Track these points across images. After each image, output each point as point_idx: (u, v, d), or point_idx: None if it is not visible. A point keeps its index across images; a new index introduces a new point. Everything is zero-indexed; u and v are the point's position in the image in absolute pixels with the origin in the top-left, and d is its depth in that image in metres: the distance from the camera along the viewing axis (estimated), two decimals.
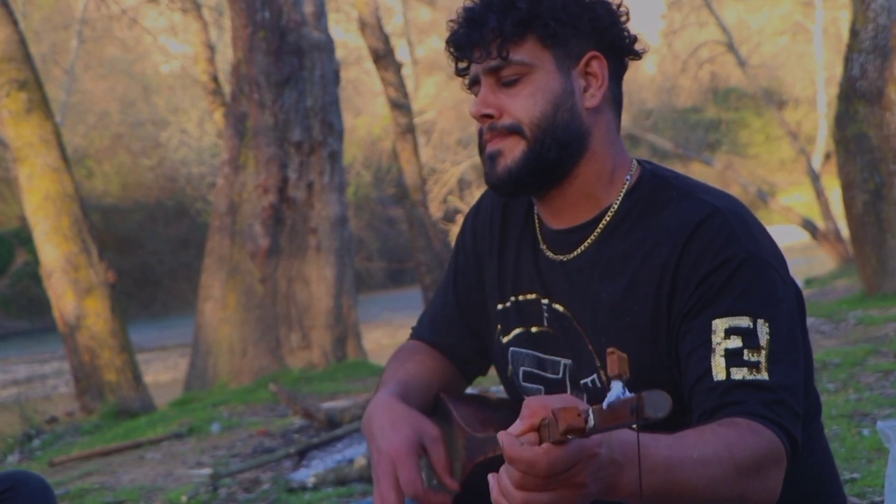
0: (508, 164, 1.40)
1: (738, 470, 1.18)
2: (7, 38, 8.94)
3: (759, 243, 1.35)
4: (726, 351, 1.27)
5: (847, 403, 4.23)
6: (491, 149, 1.42)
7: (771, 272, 1.32)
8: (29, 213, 9.13)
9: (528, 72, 1.39)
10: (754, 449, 1.20)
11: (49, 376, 15.58)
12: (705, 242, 1.33)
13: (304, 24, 8.98)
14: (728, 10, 24.46)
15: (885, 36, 8.02)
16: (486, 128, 1.42)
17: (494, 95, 1.41)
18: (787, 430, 1.24)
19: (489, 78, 1.41)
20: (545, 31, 1.38)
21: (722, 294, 1.30)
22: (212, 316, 9.07)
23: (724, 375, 1.26)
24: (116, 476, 5.20)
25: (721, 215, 1.35)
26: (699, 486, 1.15)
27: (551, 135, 1.39)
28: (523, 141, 1.39)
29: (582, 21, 1.39)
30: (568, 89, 1.40)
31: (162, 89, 27.58)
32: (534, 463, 1.02)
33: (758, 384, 1.25)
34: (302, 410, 5.60)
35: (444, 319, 1.62)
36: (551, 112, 1.39)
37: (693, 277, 1.32)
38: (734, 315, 1.28)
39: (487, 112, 1.41)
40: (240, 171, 9.04)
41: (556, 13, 1.38)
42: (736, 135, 31.98)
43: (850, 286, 11.01)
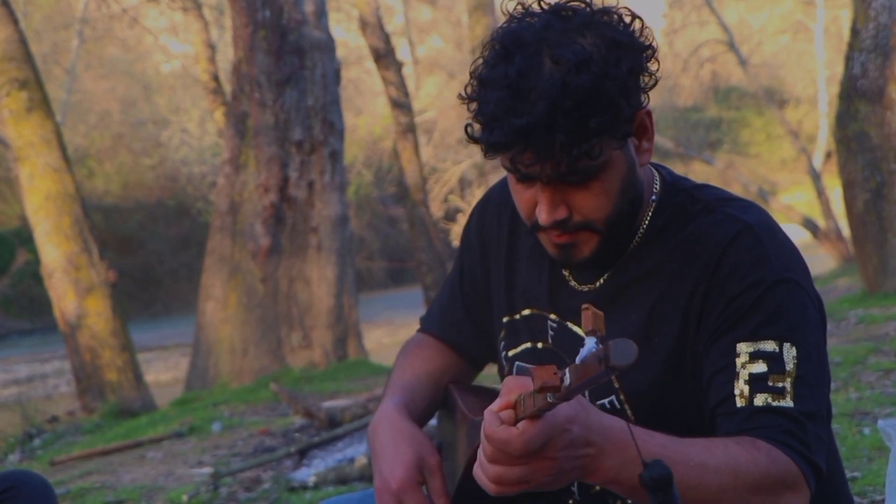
0: (586, 255, 1.34)
1: (750, 488, 1.16)
2: (8, 37, 8.94)
3: (789, 263, 1.31)
4: (750, 376, 1.24)
5: (848, 402, 4.23)
6: (562, 242, 1.33)
7: (800, 294, 1.29)
8: (30, 213, 9.14)
9: (596, 170, 1.27)
10: (766, 471, 1.17)
11: (50, 376, 15.58)
12: (736, 261, 1.29)
13: (304, 23, 8.98)
14: (729, 9, 24.45)
15: (885, 35, 8.01)
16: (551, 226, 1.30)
17: (560, 195, 1.28)
18: (808, 459, 1.22)
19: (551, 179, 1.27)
20: (617, 135, 1.25)
21: (749, 317, 1.26)
22: (213, 315, 9.07)
23: (746, 402, 1.23)
24: (117, 475, 5.21)
25: (752, 233, 1.31)
26: (709, 491, 1.14)
27: (624, 219, 1.33)
28: (596, 235, 1.32)
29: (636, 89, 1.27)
30: (630, 164, 1.31)
31: (163, 89, 27.59)
32: (508, 442, 1.04)
33: (781, 411, 1.22)
34: (303, 410, 5.60)
35: (451, 317, 1.60)
36: (621, 200, 1.31)
37: (721, 298, 1.28)
38: (760, 339, 1.25)
39: (561, 218, 1.29)
40: (241, 170, 9.04)
41: (628, 113, 1.24)
42: (737, 134, 31.97)
43: (851, 285, 11.01)
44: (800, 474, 1.21)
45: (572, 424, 1.07)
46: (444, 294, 1.62)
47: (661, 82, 1.33)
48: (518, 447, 1.04)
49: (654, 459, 0.97)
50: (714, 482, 1.15)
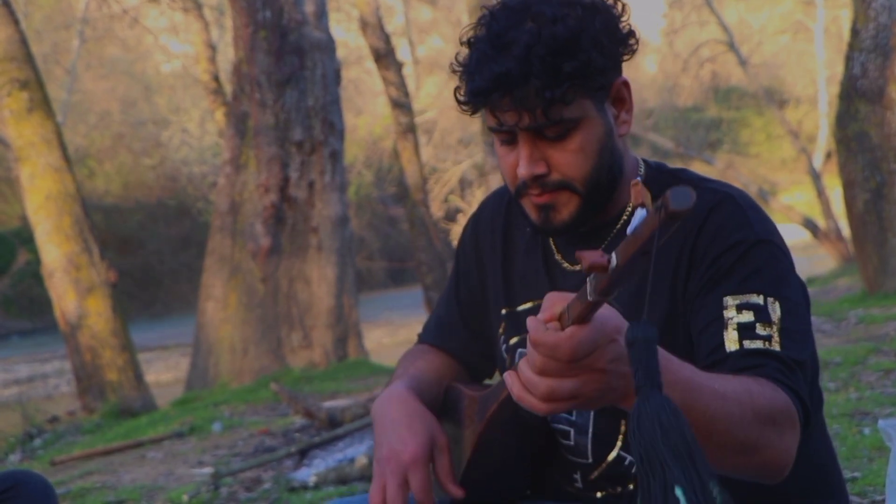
0: (566, 218, 1.38)
1: (756, 415, 1.16)
2: (8, 37, 8.94)
3: (770, 229, 1.36)
4: (739, 325, 1.27)
5: (848, 402, 4.23)
6: (541, 201, 1.38)
7: (781, 256, 1.34)
8: (30, 213, 9.14)
9: (574, 126, 1.33)
10: (773, 402, 1.19)
11: (50, 376, 15.59)
12: (718, 225, 1.33)
13: (305, 23, 8.98)
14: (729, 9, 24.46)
15: (885, 35, 8.01)
16: (531, 182, 1.36)
17: (539, 150, 1.34)
18: (801, 399, 1.24)
19: (528, 132, 1.34)
20: (591, 87, 1.32)
21: (734, 272, 1.30)
22: (213, 315, 9.08)
23: (737, 346, 1.26)
24: (118, 475, 5.21)
25: (733, 201, 1.36)
26: (716, 417, 1.12)
27: (602, 182, 1.37)
28: (576, 196, 1.36)
29: (616, 59, 1.35)
30: (608, 128, 1.36)
31: (163, 89, 27.60)
32: (558, 345, 1.01)
33: (771, 354, 1.25)
34: (303, 410, 5.60)
35: (449, 326, 1.63)
36: (599, 162, 1.35)
37: (706, 258, 1.32)
38: (746, 292, 1.28)
39: (539, 172, 1.35)
40: (241, 170, 9.05)
41: (601, 65, 1.31)
42: (737, 134, 31.99)
43: (851, 285, 11.01)
44: (795, 411, 1.22)
45: (620, 335, 1.03)
46: (441, 307, 1.67)
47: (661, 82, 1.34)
48: (567, 350, 1.01)
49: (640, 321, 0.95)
50: (735, 411, 1.14)
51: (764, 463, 1.18)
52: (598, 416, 1.42)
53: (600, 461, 1.42)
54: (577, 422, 1.43)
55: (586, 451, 1.43)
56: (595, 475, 1.43)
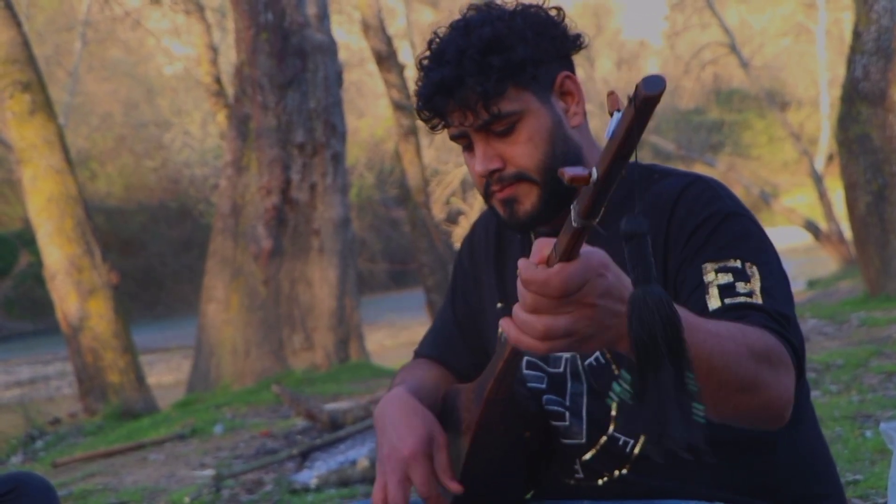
0: (528, 209, 1.44)
1: (751, 352, 1.16)
2: (11, 39, 8.95)
3: (740, 204, 1.40)
4: (719, 286, 1.30)
5: (850, 405, 4.23)
6: (503, 196, 1.45)
7: (755, 227, 1.37)
8: (32, 215, 9.14)
9: (517, 118, 1.41)
10: (764, 341, 1.20)
11: (52, 377, 15.59)
12: (689, 203, 1.38)
13: (306, 25, 8.99)
14: (730, 12, 24.46)
15: (887, 37, 8.02)
16: (492, 180, 1.44)
17: (492, 147, 1.43)
18: (791, 344, 1.24)
19: (479, 132, 1.43)
20: (523, 78, 1.40)
21: (710, 242, 1.34)
22: (215, 317, 9.08)
23: (719, 303, 1.29)
24: (119, 477, 5.21)
25: (702, 181, 1.42)
26: (713, 352, 1.12)
27: (555, 169, 1.40)
28: (534, 186, 1.43)
29: (550, 53, 1.43)
30: (556, 119, 1.43)
31: (165, 91, 27.62)
32: (548, 281, 1.02)
33: (754, 306, 1.27)
34: (305, 412, 5.60)
35: (444, 338, 1.68)
36: (551, 150, 1.42)
37: (682, 234, 1.37)
38: (724, 258, 1.32)
39: (494, 167, 1.43)
40: (243, 172, 9.05)
41: (528, 56, 1.40)
42: (739, 136, 31.98)
43: (853, 287, 11.01)
44: (789, 357, 1.23)
45: (607, 270, 1.05)
46: (437, 321, 1.72)
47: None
48: (557, 284, 1.01)
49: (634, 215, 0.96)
50: (731, 347, 1.14)
51: (764, 403, 1.18)
52: (590, 400, 1.44)
53: (594, 441, 1.44)
54: (570, 405, 1.46)
55: (581, 431, 1.45)
56: (591, 456, 1.45)
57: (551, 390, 1.49)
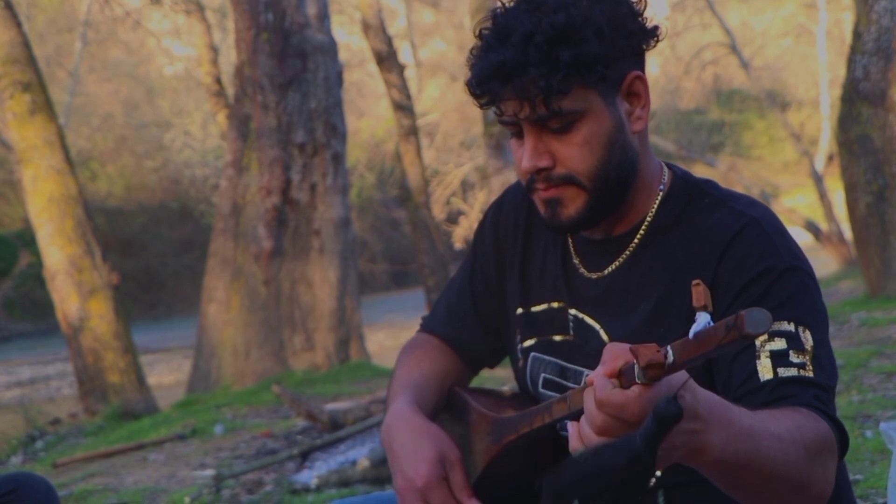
0: (573, 214, 1.36)
1: (808, 452, 1.15)
2: (11, 40, 8.95)
3: (797, 255, 1.33)
4: (772, 352, 1.24)
5: (850, 405, 4.23)
6: (548, 196, 1.36)
7: (809, 283, 1.31)
8: (33, 216, 9.14)
9: (577, 118, 1.31)
10: (818, 435, 1.18)
11: (52, 378, 15.58)
12: (744, 252, 1.30)
13: (307, 26, 8.99)
14: (731, 12, 24.46)
15: (888, 38, 8.01)
16: (538, 177, 1.35)
17: (544, 143, 1.33)
18: (839, 425, 1.23)
19: (534, 125, 1.32)
20: (592, 78, 1.29)
21: (763, 301, 1.27)
22: (215, 318, 9.08)
23: (771, 374, 1.23)
24: (120, 477, 5.21)
25: (759, 226, 1.32)
26: (777, 460, 1.10)
27: (610, 178, 1.34)
28: (583, 192, 1.34)
29: (624, 51, 1.32)
30: (618, 122, 1.33)
31: (166, 91, 27.63)
32: (625, 406, 0.99)
33: (807, 381, 1.23)
34: (305, 412, 5.60)
35: (458, 315, 1.60)
36: (607, 157, 1.33)
37: (733, 286, 1.29)
38: (777, 320, 1.25)
39: (543, 165, 1.33)
40: (243, 172, 9.05)
41: (602, 53, 1.28)
42: (739, 136, 31.97)
43: (853, 288, 11.00)
44: (835, 442, 1.21)
45: (685, 391, 1.01)
46: (452, 293, 1.62)
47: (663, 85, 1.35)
48: (636, 411, 0.98)
49: (670, 398, 0.94)
50: (792, 451, 1.13)
51: (812, 497, 1.18)
52: None
53: None
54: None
55: None
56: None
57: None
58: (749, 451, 1.08)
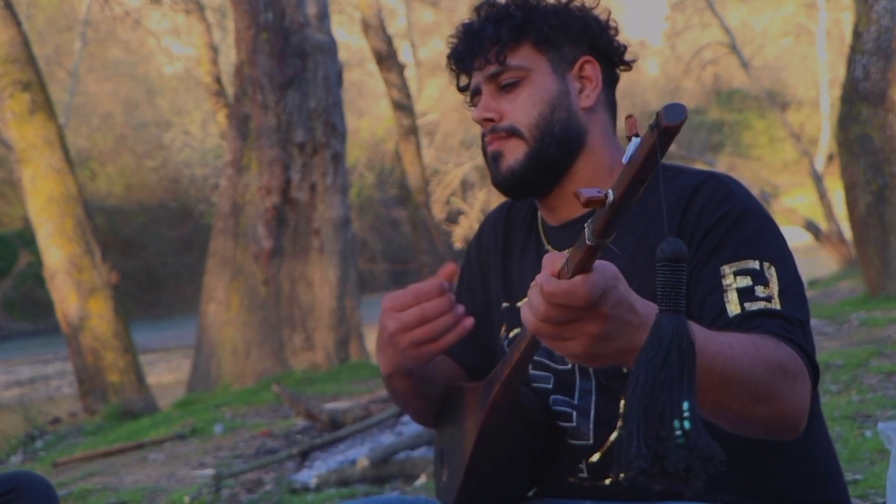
0: (511, 164, 1.46)
1: (766, 363, 1.16)
2: (11, 39, 8.95)
3: (754, 201, 1.39)
4: (738, 290, 1.29)
5: (850, 405, 4.23)
6: (493, 150, 1.47)
7: (770, 224, 1.37)
8: (32, 215, 9.15)
9: (525, 76, 1.45)
10: (779, 353, 1.20)
11: (52, 377, 15.59)
12: (704, 201, 1.37)
13: (307, 25, 8.99)
14: (731, 12, 24.47)
15: (888, 38, 8.01)
16: (487, 130, 1.48)
17: (495, 101, 1.47)
18: (808, 354, 1.24)
19: (489, 85, 1.47)
20: (539, 36, 1.45)
21: (726, 242, 1.33)
22: (215, 317, 9.08)
23: (739, 310, 1.28)
24: (119, 477, 5.21)
25: (716, 178, 1.40)
26: (727, 365, 1.12)
27: (549, 133, 1.45)
28: (523, 142, 1.45)
29: (573, 27, 1.47)
30: (563, 90, 1.46)
31: (165, 91, 27.64)
32: (573, 291, 1.01)
33: (774, 313, 1.27)
34: (305, 411, 5.60)
35: None
36: (548, 112, 1.45)
37: (696, 234, 1.35)
38: (742, 259, 1.31)
39: (488, 116, 1.46)
40: (243, 172, 9.05)
41: (549, 19, 1.46)
42: (739, 136, 31.99)
43: (853, 288, 11.00)
44: (804, 367, 1.23)
45: (619, 282, 1.05)
46: None
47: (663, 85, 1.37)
48: (584, 293, 1.01)
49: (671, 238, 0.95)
50: (744, 359, 1.14)
51: (779, 413, 1.19)
52: (599, 397, 1.43)
53: (602, 442, 1.43)
54: (578, 405, 1.45)
55: (588, 432, 1.44)
56: (598, 457, 1.43)
57: (558, 390, 1.48)
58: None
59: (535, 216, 1.56)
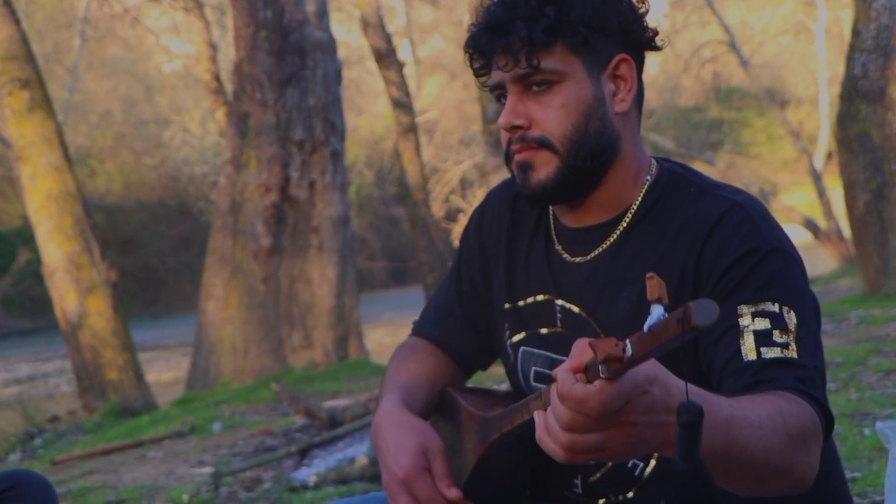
0: (542, 179, 1.37)
1: (790, 438, 1.15)
2: (10, 36, 8.94)
3: (780, 237, 1.34)
4: (755, 332, 1.25)
5: (849, 403, 4.23)
6: (521, 159, 1.38)
7: (794, 265, 1.31)
8: (31, 213, 9.14)
9: (558, 80, 1.35)
10: (801, 420, 1.17)
11: (51, 375, 15.58)
12: (727, 235, 1.31)
13: (306, 23, 8.98)
14: (730, 10, 24.45)
15: (887, 35, 8.01)
16: (514, 137, 1.38)
17: (523, 104, 1.37)
18: (823, 406, 1.23)
19: (516, 85, 1.37)
20: (575, 39, 1.34)
21: (747, 282, 1.28)
22: (214, 315, 9.08)
23: (755, 355, 1.24)
24: (118, 475, 5.21)
25: (742, 209, 1.33)
26: (756, 450, 1.10)
27: (584, 147, 1.36)
28: (556, 156, 1.36)
29: (611, 24, 1.36)
30: (598, 96, 1.36)
31: (164, 88, 27.61)
32: (585, 400, 0.98)
33: (791, 362, 1.23)
34: (304, 409, 5.60)
35: (447, 317, 1.60)
36: (583, 124, 1.35)
37: (716, 269, 1.30)
38: (761, 301, 1.26)
39: (518, 123, 1.37)
40: (242, 170, 9.05)
41: (586, 18, 1.34)
42: (738, 134, 31.96)
43: (852, 286, 11.01)
44: (818, 421, 1.21)
45: (652, 386, 1.00)
46: (440, 296, 1.63)
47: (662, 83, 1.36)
48: (596, 406, 0.97)
49: (687, 401, 0.93)
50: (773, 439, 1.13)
51: (795, 481, 1.18)
52: None
53: (602, 464, 1.41)
54: None
55: None
56: (596, 478, 1.42)
57: None
58: (726, 442, 1.07)
59: (546, 211, 1.50)
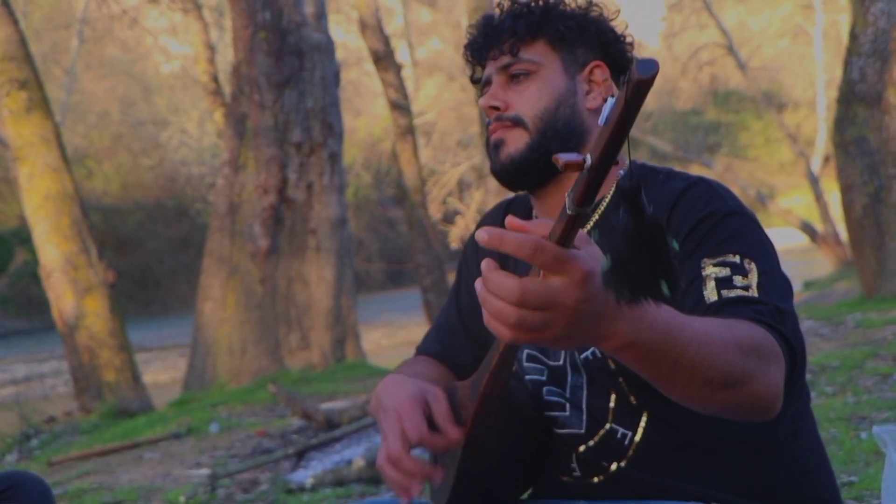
0: (511, 152, 1.49)
1: (739, 346, 1.15)
2: (7, 37, 8.94)
3: (741, 205, 1.41)
4: (717, 279, 1.32)
5: (845, 406, 4.24)
6: (495, 138, 1.52)
7: (753, 225, 1.38)
8: (29, 213, 9.13)
9: (535, 69, 1.51)
10: (751, 333, 1.20)
11: (48, 376, 15.57)
12: (691, 203, 1.40)
13: (304, 25, 8.98)
14: (728, 13, 24.49)
15: (884, 39, 8.03)
16: (492, 118, 1.52)
17: (503, 91, 1.52)
18: (785, 338, 1.24)
19: (500, 76, 1.53)
20: (555, 35, 1.51)
21: (709, 238, 1.36)
22: (211, 316, 9.07)
23: (716, 296, 1.30)
24: (115, 476, 5.21)
25: (704, 182, 1.44)
26: (700, 351, 1.11)
27: (552, 128, 1.49)
28: (526, 133, 1.49)
29: (588, 31, 1.53)
30: (571, 89, 1.51)
31: (162, 89, 27.61)
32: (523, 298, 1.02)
33: (751, 300, 1.28)
34: (301, 411, 5.60)
35: (448, 335, 1.68)
36: (553, 107, 1.49)
37: (681, 231, 1.38)
38: (721, 254, 1.34)
39: (495, 104, 1.51)
40: (240, 171, 9.04)
41: (566, 20, 1.52)
42: (736, 137, 32.02)
43: (849, 289, 11.02)
44: (779, 348, 1.22)
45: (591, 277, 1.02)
46: (441, 317, 1.72)
47: (659, 85, 1.39)
48: (550, 248, 1.00)
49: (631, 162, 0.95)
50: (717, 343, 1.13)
51: (752, 396, 1.17)
52: (590, 392, 1.44)
53: (593, 433, 1.44)
54: (570, 397, 1.47)
55: (581, 421, 1.45)
56: (588, 447, 1.45)
57: (552, 382, 1.49)
58: (666, 341, 1.08)
59: (531, 216, 1.57)
